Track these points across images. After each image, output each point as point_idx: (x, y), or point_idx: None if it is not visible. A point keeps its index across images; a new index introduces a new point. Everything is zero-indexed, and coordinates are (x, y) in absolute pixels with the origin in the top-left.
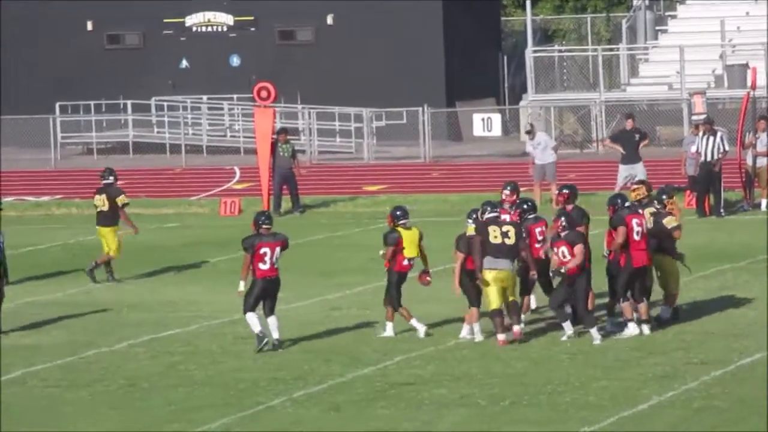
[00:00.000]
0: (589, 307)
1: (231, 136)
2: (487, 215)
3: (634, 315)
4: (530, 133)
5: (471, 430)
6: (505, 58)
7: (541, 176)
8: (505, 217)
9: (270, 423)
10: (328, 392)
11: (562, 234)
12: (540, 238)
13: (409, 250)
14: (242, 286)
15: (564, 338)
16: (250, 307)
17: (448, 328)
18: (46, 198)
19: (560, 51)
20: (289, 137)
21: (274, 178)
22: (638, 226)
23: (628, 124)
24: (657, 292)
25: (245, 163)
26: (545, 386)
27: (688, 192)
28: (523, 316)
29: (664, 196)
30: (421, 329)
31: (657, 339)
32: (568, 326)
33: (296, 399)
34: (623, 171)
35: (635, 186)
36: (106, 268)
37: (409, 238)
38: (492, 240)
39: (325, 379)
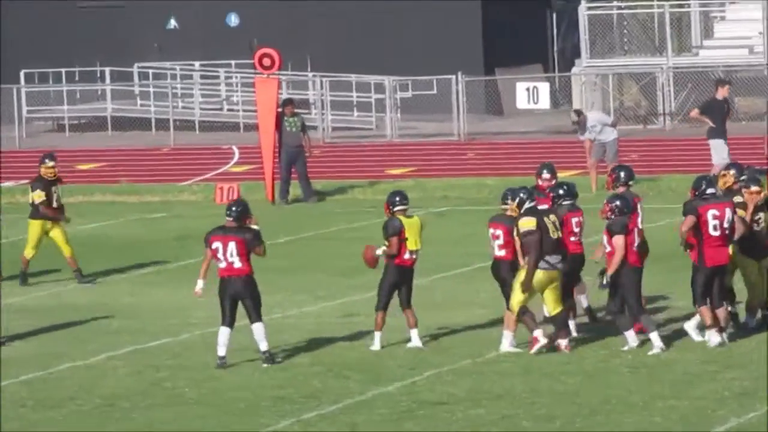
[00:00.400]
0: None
1: (228, 110)
2: (527, 205)
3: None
4: (578, 122)
5: None
6: (555, 16)
7: (600, 155)
8: (544, 206)
9: None
10: (345, 413)
11: (607, 221)
12: (576, 229)
13: (412, 242)
14: (199, 285)
15: (625, 348)
16: (223, 317)
17: (485, 337)
18: (9, 183)
19: (620, 7)
20: (296, 110)
21: (280, 158)
22: (715, 219)
23: (722, 92)
24: (742, 291)
25: (245, 142)
26: (602, 406)
27: None
28: (572, 322)
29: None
30: (415, 344)
31: (735, 350)
32: (631, 336)
33: (307, 421)
34: (723, 147)
35: (724, 171)
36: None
37: (411, 228)
38: (551, 234)
39: (341, 397)
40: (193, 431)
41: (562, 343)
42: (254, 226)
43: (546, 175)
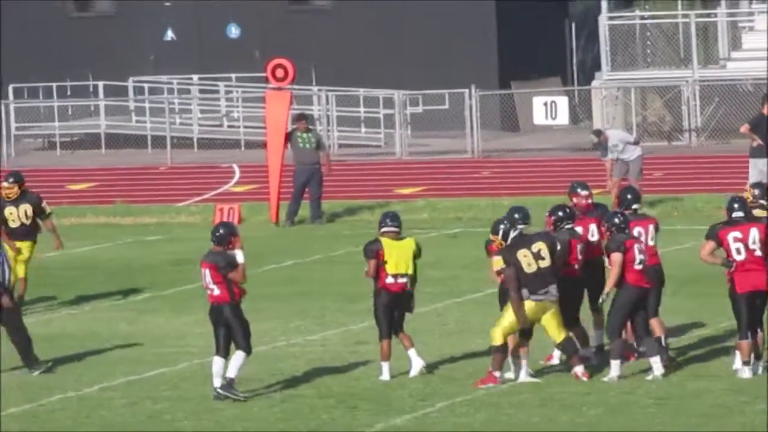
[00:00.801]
0: (657, 333)
1: (228, 126)
2: (513, 234)
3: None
4: (598, 143)
5: None
6: (574, 26)
7: (623, 173)
8: (579, 228)
9: None
10: None
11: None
12: (581, 257)
13: (395, 265)
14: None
15: (606, 379)
16: (216, 347)
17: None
18: None
19: (642, 17)
20: (310, 126)
21: (295, 177)
22: (737, 241)
23: (767, 108)
24: None
25: (246, 160)
26: None
27: None
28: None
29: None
30: (417, 365)
31: (764, 381)
32: (615, 366)
33: None
34: (758, 167)
35: (747, 189)
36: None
37: (395, 250)
38: (526, 270)
39: (349, 430)
40: None
41: (578, 370)
42: (236, 251)
43: (582, 191)
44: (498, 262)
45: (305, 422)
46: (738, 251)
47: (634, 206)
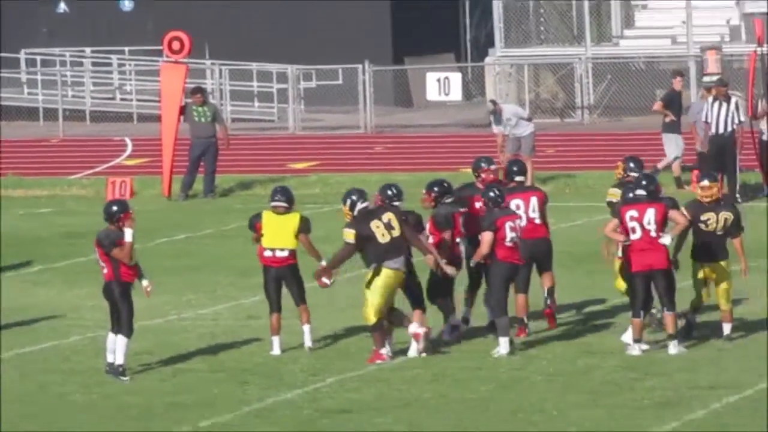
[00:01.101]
0: (520, 314)
1: (121, 100)
2: (360, 206)
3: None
4: (494, 112)
5: None
6: (467, 2)
7: (515, 149)
8: (479, 204)
9: None
10: (243, 421)
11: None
12: (462, 230)
13: (270, 239)
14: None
15: (495, 354)
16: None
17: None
18: None
19: None
20: (206, 99)
21: (190, 150)
22: (633, 220)
23: (677, 84)
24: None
25: (139, 133)
26: (515, 415)
27: (695, 172)
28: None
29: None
30: (307, 343)
31: (656, 357)
32: (504, 343)
33: (202, 430)
34: (675, 142)
35: (711, 184)
36: None
37: (274, 224)
38: (380, 239)
39: (240, 405)
40: None
41: (384, 352)
42: (126, 229)
43: (484, 165)
44: (349, 234)
45: (196, 396)
46: (633, 230)
47: (518, 178)
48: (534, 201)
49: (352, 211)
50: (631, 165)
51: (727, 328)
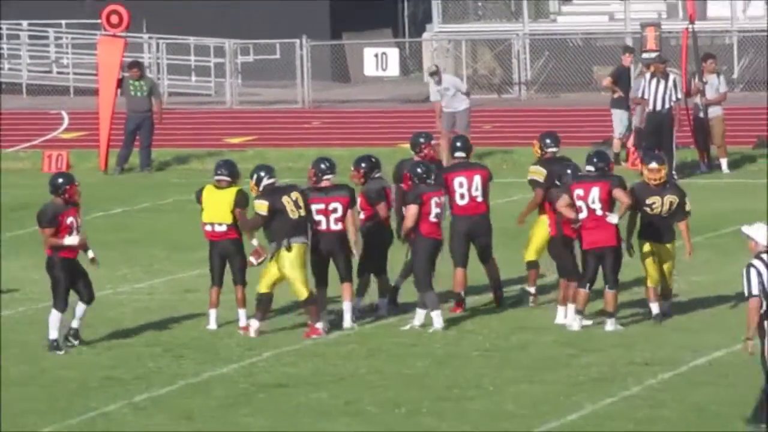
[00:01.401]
0: (457, 289)
1: (58, 73)
2: (266, 182)
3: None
4: (435, 74)
5: None
6: None
7: (450, 126)
8: (462, 179)
9: None
10: (179, 396)
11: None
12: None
13: (209, 214)
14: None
15: (407, 328)
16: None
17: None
18: None
19: None
20: (144, 73)
21: (126, 124)
22: (579, 199)
23: (627, 60)
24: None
25: (76, 107)
26: (451, 390)
27: (632, 148)
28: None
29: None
30: (241, 323)
31: (593, 334)
32: (420, 314)
33: (138, 404)
34: (620, 118)
35: (660, 166)
36: None
37: (213, 199)
38: (290, 215)
39: (175, 379)
40: (16, 413)
41: (253, 325)
42: (67, 237)
43: (422, 139)
44: (262, 205)
45: (131, 370)
46: (580, 209)
47: (458, 154)
48: (477, 179)
49: (257, 186)
50: (547, 141)
51: (661, 306)
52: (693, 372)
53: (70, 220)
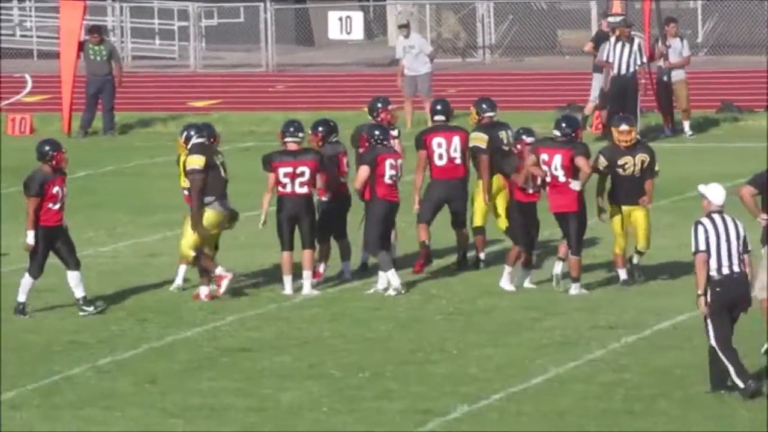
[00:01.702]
0: (421, 238)
1: (21, 36)
2: (195, 140)
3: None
4: (405, 27)
5: (321, 407)
6: None
7: (412, 90)
8: (394, 143)
9: (69, 396)
10: (143, 359)
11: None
12: (347, 169)
13: (182, 178)
14: (32, 238)
15: (371, 291)
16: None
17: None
18: None
19: None
20: (104, 37)
21: (87, 88)
22: (544, 164)
23: (605, 25)
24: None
25: (39, 70)
26: (415, 354)
27: (596, 112)
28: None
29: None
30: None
31: (556, 297)
32: (383, 277)
33: (101, 367)
34: (598, 82)
35: (630, 128)
36: None
37: (183, 163)
38: (223, 174)
39: (139, 343)
40: None
41: (203, 291)
42: (29, 232)
43: (380, 104)
44: (199, 159)
45: (95, 334)
46: (547, 173)
47: (440, 117)
48: (456, 140)
49: (186, 144)
50: (484, 106)
51: (633, 267)
52: (657, 336)
53: (55, 189)
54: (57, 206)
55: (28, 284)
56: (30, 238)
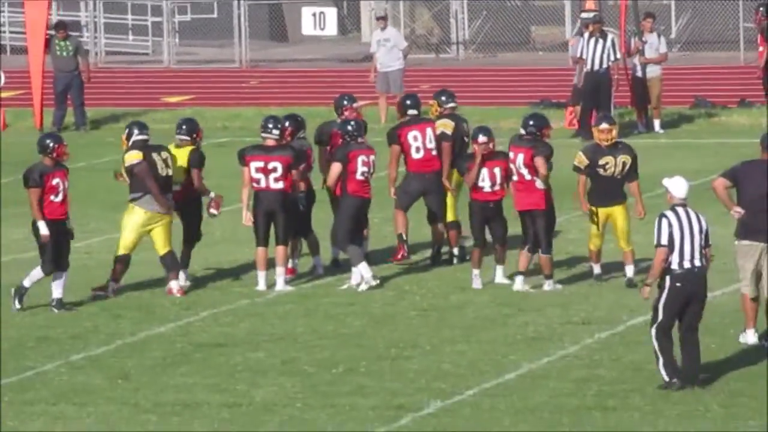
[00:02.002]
0: (398, 230)
1: None
2: (136, 137)
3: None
4: (383, 19)
5: (295, 403)
6: None
7: (385, 87)
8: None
9: (41, 392)
10: (116, 355)
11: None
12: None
13: (174, 173)
14: (45, 227)
15: (344, 287)
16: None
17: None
18: None
19: None
20: (70, 33)
21: (54, 84)
22: (510, 162)
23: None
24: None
25: (12, 66)
26: (388, 350)
27: (569, 108)
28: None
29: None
30: (182, 279)
31: (529, 293)
32: (356, 272)
33: (74, 363)
34: None
35: (611, 126)
36: None
37: (175, 158)
38: (160, 172)
39: (112, 338)
40: None
41: (174, 286)
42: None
43: (346, 102)
44: (136, 155)
45: (68, 329)
46: (512, 172)
47: (412, 111)
48: (430, 132)
49: (128, 141)
50: (443, 98)
51: (629, 270)
52: (629, 331)
53: (56, 181)
54: (59, 198)
55: (37, 276)
56: (43, 228)
